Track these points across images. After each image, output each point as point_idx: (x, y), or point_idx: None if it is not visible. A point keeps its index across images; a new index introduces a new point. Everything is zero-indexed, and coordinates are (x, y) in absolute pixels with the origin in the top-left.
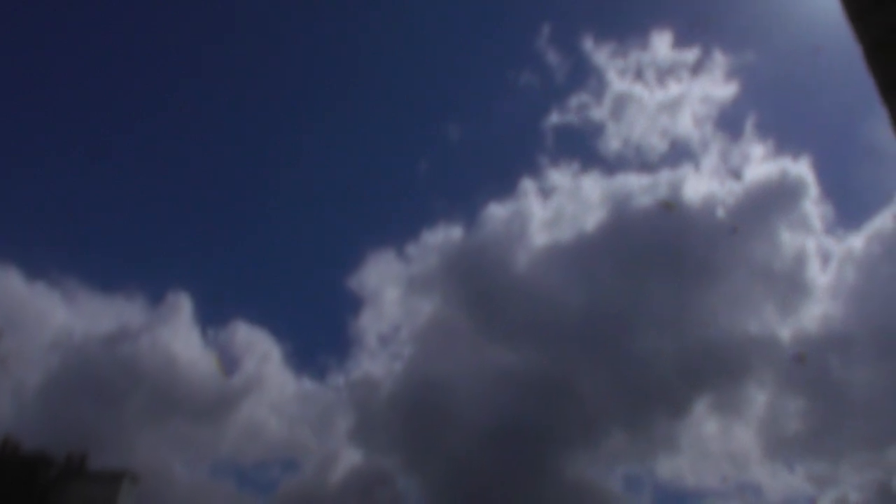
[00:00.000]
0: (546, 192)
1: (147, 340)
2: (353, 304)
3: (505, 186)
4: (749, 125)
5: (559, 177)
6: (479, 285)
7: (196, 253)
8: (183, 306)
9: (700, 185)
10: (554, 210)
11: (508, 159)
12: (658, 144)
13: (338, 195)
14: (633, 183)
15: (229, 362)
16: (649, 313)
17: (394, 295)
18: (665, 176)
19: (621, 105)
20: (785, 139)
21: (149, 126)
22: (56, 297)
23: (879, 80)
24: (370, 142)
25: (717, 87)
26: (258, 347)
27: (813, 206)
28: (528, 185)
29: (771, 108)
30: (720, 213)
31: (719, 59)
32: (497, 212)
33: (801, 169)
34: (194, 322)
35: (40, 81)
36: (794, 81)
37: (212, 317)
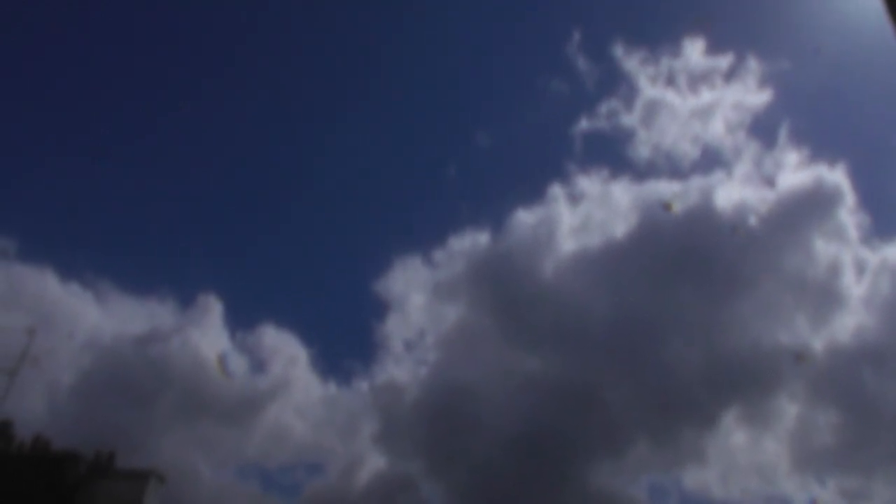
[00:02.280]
0: (575, 199)
1: (177, 342)
2: (380, 309)
3: (533, 192)
4: (783, 132)
5: (588, 183)
6: (506, 292)
7: (227, 256)
8: (213, 309)
9: (732, 193)
10: (582, 217)
11: (537, 165)
12: (689, 151)
13: (365, 200)
14: (664, 190)
15: (257, 365)
16: (678, 322)
17: (420, 300)
18: (696, 183)
19: (652, 111)
20: (820, 146)
21: (182, 129)
22: (89, 298)
23: None
24: (398, 146)
25: (751, 93)
26: (285, 351)
27: (848, 215)
28: (556, 191)
29: (806, 115)
30: (752, 220)
31: (753, 65)
32: (525, 218)
33: (837, 177)
34: (224, 325)
35: (70, 82)
36: (830, 88)
37: (241, 320)
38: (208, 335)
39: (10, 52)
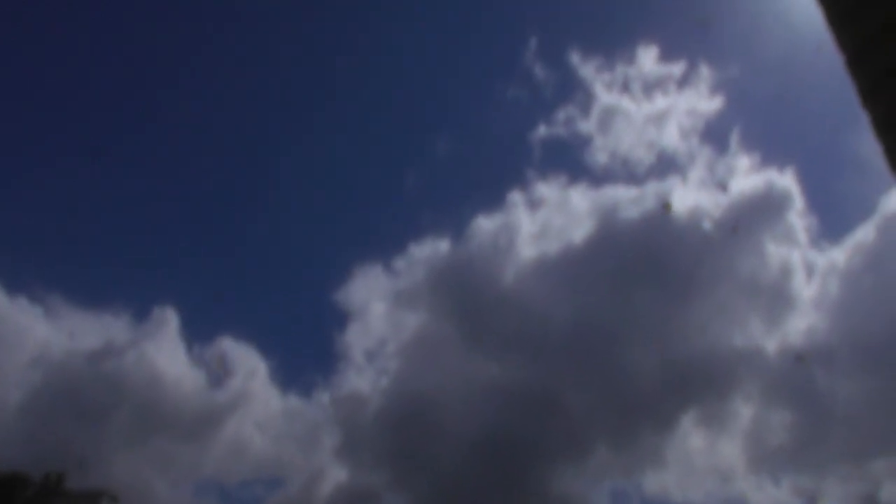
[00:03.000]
0: (534, 205)
1: (132, 356)
2: (340, 319)
3: (493, 199)
4: (735, 138)
5: (547, 189)
6: (467, 299)
7: (184, 267)
8: (169, 321)
9: (687, 198)
10: (542, 223)
11: (496, 172)
12: (645, 157)
13: (325, 209)
14: (621, 195)
15: (214, 379)
16: (636, 326)
17: (380, 309)
18: (652, 188)
19: (608, 118)
20: (770, 151)
21: (136, 141)
22: (38, 313)
23: (861, 86)
24: (357, 154)
25: (703, 100)
26: (244, 364)
27: (798, 219)
28: (516, 197)
29: (756, 120)
30: (707, 225)
31: (705, 72)
32: (485, 225)
33: (786, 181)
34: (180, 338)
35: (28, 91)
36: (778, 94)
37: (198, 332)
38: (165, 349)
39: None
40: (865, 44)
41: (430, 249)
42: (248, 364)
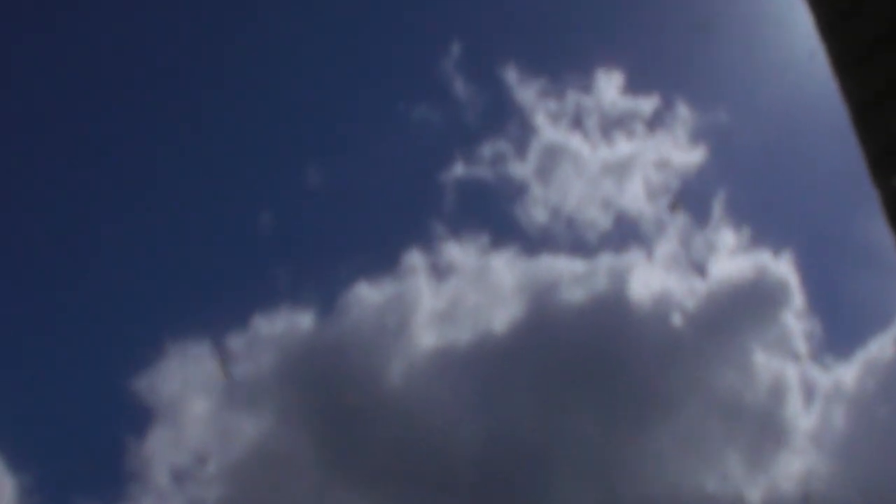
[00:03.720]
0: (440, 273)
1: None
2: (138, 419)
3: (382, 259)
4: (718, 204)
5: (460, 252)
6: (333, 400)
7: None
8: None
9: (652, 280)
10: (450, 298)
11: (389, 222)
12: (599, 219)
13: (128, 256)
14: (563, 268)
15: None
16: (573, 453)
17: (202, 408)
18: (605, 262)
19: (552, 161)
20: (764, 227)
21: None
22: None
23: (868, 155)
24: (189, 181)
25: (680, 149)
26: None
27: (796, 321)
28: (415, 259)
29: (748, 184)
30: (676, 319)
31: (684, 114)
32: (368, 295)
33: (783, 269)
34: None
35: None
36: (778, 152)
37: None
38: None
39: None
40: (873, 102)
41: (285, 324)
42: None
